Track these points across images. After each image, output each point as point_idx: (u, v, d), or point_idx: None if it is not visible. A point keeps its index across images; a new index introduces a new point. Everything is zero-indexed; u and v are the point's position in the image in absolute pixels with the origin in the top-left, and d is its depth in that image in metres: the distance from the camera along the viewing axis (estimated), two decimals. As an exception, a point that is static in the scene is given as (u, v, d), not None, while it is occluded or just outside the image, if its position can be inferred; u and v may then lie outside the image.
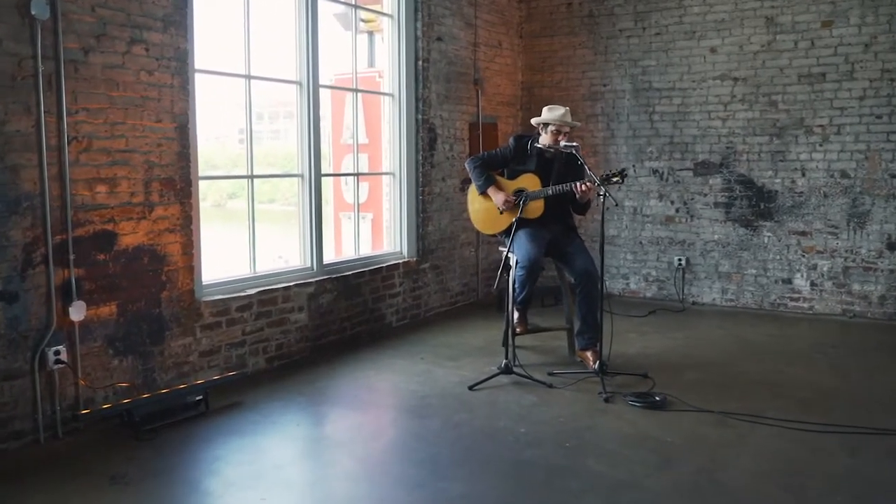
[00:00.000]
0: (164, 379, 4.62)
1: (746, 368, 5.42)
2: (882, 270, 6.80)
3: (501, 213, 5.54)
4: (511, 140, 5.66)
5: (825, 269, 7.03)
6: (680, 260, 7.63)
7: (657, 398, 4.65)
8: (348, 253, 6.84)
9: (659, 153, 7.71)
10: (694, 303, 7.60)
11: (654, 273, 7.83)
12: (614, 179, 5.14)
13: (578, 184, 5.19)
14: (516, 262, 5.28)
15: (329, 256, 6.20)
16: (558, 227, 5.54)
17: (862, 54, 6.75)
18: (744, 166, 7.32)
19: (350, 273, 6.10)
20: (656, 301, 7.73)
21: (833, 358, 5.69)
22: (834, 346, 6.02)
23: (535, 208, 5.42)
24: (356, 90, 6.35)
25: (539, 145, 5.49)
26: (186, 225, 4.74)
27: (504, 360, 5.11)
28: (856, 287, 6.92)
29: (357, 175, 6.51)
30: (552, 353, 5.81)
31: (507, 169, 5.66)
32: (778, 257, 7.21)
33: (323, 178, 5.97)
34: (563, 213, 5.58)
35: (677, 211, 7.66)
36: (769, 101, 7.15)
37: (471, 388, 4.93)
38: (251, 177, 5.42)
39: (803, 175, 7.07)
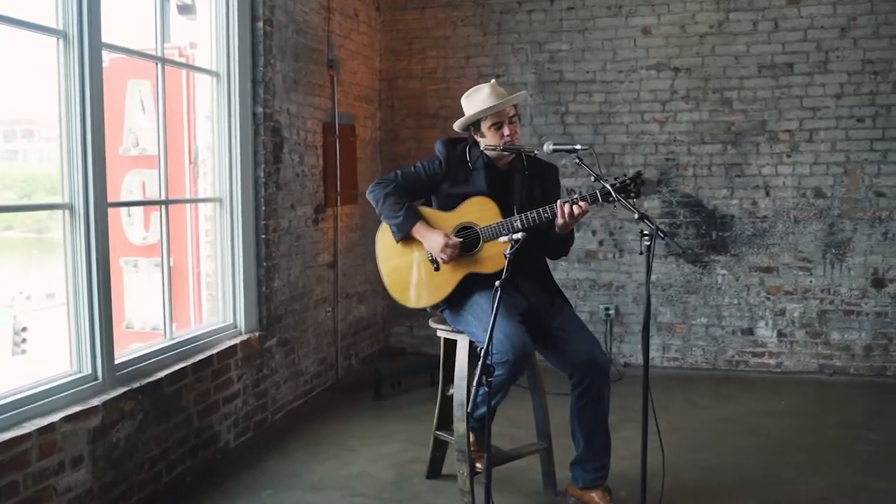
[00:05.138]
0: None
1: (808, 486, 3.59)
2: (867, 314, 5.37)
3: (437, 268, 3.30)
4: (439, 147, 3.42)
5: (796, 314, 5.48)
6: (607, 309, 5.76)
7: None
8: (153, 328, 4.24)
9: (575, 167, 5.79)
10: (626, 364, 5.75)
11: (570, 326, 5.88)
12: (630, 194, 3.21)
13: (579, 205, 3.14)
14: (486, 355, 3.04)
15: (122, 348, 3.60)
16: (532, 286, 3.38)
17: (838, 40, 5.30)
18: (689, 184, 5.61)
19: (163, 375, 3.51)
20: (577, 364, 5.78)
21: (887, 449, 4.06)
22: (868, 426, 4.40)
23: (495, 255, 3.25)
24: (163, 59, 3.76)
25: (486, 150, 3.33)
26: None
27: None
28: (835, 336, 5.43)
29: (167, 203, 3.89)
30: (510, 484, 3.63)
31: (436, 196, 3.42)
32: (736, 301, 5.57)
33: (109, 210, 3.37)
34: (537, 261, 3.45)
35: (601, 244, 5.79)
36: (721, 98, 5.50)
37: None
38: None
39: (767, 195, 5.48)
